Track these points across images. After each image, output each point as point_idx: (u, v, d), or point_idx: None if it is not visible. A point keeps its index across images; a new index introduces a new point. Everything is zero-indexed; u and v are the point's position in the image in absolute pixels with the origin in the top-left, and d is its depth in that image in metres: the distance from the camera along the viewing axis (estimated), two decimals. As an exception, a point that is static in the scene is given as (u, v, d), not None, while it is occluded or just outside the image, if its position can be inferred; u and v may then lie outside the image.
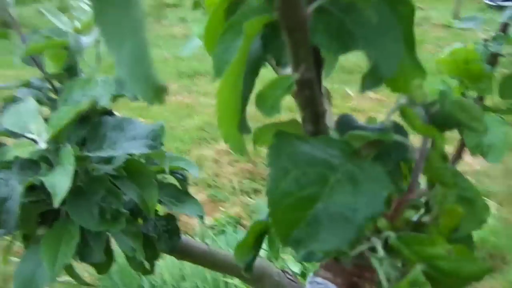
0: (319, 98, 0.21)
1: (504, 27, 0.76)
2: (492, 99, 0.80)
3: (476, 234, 1.07)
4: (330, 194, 0.18)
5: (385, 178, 0.18)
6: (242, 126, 0.23)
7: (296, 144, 0.19)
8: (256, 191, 2.27)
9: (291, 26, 0.17)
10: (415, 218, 0.22)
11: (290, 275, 0.75)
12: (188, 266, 1.56)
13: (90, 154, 0.41)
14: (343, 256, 0.23)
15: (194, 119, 3.16)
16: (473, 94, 0.82)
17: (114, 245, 0.58)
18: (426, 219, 0.21)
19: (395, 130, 0.22)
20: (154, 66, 0.12)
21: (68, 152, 0.39)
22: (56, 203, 0.35)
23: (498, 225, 1.81)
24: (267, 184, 0.17)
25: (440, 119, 0.20)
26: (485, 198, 1.21)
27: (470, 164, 2.42)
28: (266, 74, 0.29)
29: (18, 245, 0.49)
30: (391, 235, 0.21)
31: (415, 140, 0.28)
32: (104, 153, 0.41)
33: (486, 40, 0.77)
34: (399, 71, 0.28)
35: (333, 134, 0.23)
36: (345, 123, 0.24)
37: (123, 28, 0.11)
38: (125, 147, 0.42)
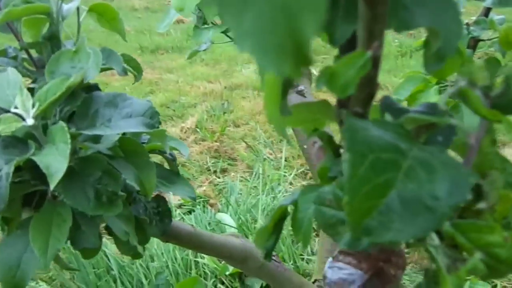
0: (377, 80, 0.20)
1: (487, 12, 0.77)
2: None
3: None
4: (404, 181, 0.17)
5: (459, 164, 0.18)
6: (283, 109, 0.22)
7: (369, 127, 0.17)
8: (223, 170, 2.26)
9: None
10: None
11: (274, 256, 0.75)
12: (156, 246, 1.53)
13: (84, 132, 0.38)
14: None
15: (158, 96, 3.07)
16: (452, 78, 0.83)
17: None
18: (482, 205, 0.20)
19: (442, 114, 0.22)
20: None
21: (62, 129, 0.35)
22: (53, 185, 0.32)
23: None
24: (347, 170, 0.16)
25: (503, 103, 0.20)
26: None
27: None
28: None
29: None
30: (447, 223, 0.20)
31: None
32: (98, 131, 0.38)
33: (467, 24, 0.79)
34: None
35: (387, 116, 0.21)
36: (389, 105, 0.23)
37: None
38: (121, 125, 0.39)
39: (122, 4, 6.12)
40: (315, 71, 3.92)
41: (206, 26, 0.93)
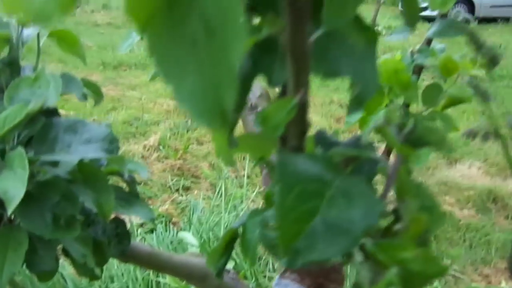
0: (307, 120, 0.23)
1: (429, 41, 0.84)
2: (417, 106, 0.89)
3: None
4: (326, 208, 0.20)
5: (373, 193, 0.21)
6: (231, 142, 0.24)
7: (298, 161, 0.20)
8: (186, 188, 2.25)
9: (297, 55, 0.19)
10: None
11: (232, 274, 0.76)
12: (116, 266, 1.51)
13: (43, 158, 0.39)
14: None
15: (120, 113, 3.04)
16: (400, 101, 0.90)
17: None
18: (398, 227, 0.24)
19: (367, 147, 0.25)
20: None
21: (20, 155, 0.37)
22: (10, 210, 0.33)
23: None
24: (276, 199, 0.19)
25: (412, 139, 0.23)
26: None
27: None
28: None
29: None
30: (367, 241, 0.23)
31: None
32: (57, 157, 0.39)
33: (412, 52, 0.85)
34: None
35: (317, 150, 0.24)
36: (321, 139, 0.26)
37: (185, 64, 0.12)
38: (81, 151, 0.40)
39: (84, 19, 6.03)
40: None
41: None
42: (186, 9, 0.13)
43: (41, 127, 0.42)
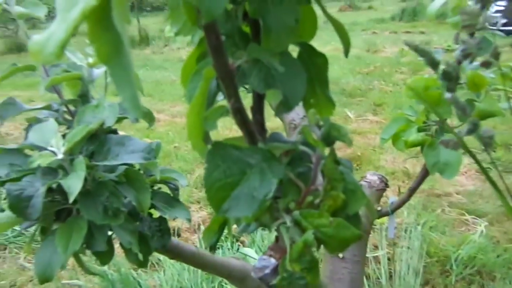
0: (249, 121, 0.32)
1: (459, 61, 0.87)
2: (452, 122, 0.91)
3: (465, 252, 1.20)
4: (245, 181, 0.28)
5: (281, 171, 0.29)
6: (206, 139, 0.34)
7: (227, 149, 0.29)
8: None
9: (222, 76, 0.28)
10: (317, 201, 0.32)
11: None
12: (186, 279, 1.65)
13: (97, 163, 0.52)
14: (268, 229, 0.33)
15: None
16: (435, 117, 0.92)
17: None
18: (317, 201, 0.31)
19: (304, 144, 0.33)
20: (141, 101, 0.23)
21: (81, 161, 0.50)
22: (71, 199, 0.46)
23: (487, 243, 1.88)
24: (204, 173, 0.28)
25: (325, 136, 0.31)
26: (476, 217, 1.36)
27: (464, 184, 2.50)
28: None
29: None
30: (296, 212, 0.31)
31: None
32: (108, 163, 0.52)
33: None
34: (317, 103, 0.40)
35: (261, 145, 0.33)
36: (274, 138, 0.35)
37: (125, 83, 0.22)
38: (125, 158, 0.53)
39: (170, 56, 6.59)
40: (350, 113, 3.93)
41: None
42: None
43: (99, 142, 0.55)
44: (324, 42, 6.44)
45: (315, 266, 0.32)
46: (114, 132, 0.63)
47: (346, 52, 0.43)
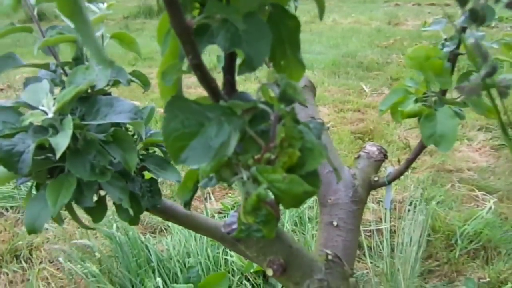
0: (210, 78, 0.33)
1: (461, 29, 0.85)
2: (452, 94, 0.89)
3: (471, 227, 1.22)
4: (203, 132, 0.30)
5: (240, 124, 0.30)
6: (179, 92, 0.35)
7: (186, 102, 0.30)
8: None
9: (178, 32, 0.29)
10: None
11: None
12: (193, 245, 1.70)
13: (86, 122, 0.54)
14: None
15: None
16: (436, 88, 0.91)
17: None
18: (272, 157, 0.32)
19: (265, 103, 0.34)
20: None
21: (69, 120, 0.52)
22: (58, 155, 0.49)
23: (494, 219, 1.87)
24: (162, 124, 0.29)
25: (281, 94, 0.32)
26: (485, 194, 1.37)
27: (477, 160, 2.46)
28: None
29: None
30: (253, 168, 0.33)
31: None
32: (96, 122, 0.54)
33: (445, 40, 0.86)
34: (287, 66, 0.40)
35: (222, 102, 0.34)
36: (239, 97, 0.36)
37: (89, 37, 0.24)
38: (112, 118, 0.54)
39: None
40: (365, 87, 3.88)
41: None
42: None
43: (89, 103, 0.57)
44: (345, 14, 6.29)
45: (271, 220, 0.33)
46: (107, 95, 0.64)
47: (321, 16, 0.43)
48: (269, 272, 0.52)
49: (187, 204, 0.43)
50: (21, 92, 0.58)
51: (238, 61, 0.36)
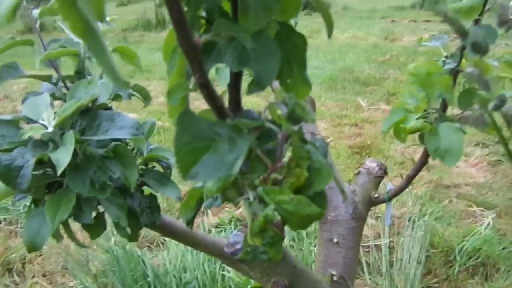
0: (216, 96, 0.32)
1: (462, 48, 0.85)
2: (452, 111, 0.89)
3: (470, 243, 1.21)
4: (215, 147, 0.29)
5: (250, 141, 0.30)
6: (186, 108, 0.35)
7: (197, 117, 0.30)
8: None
9: (186, 51, 0.29)
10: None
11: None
12: (189, 260, 1.68)
13: (87, 138, 0.53)
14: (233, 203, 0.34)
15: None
16: (436, 105, 0.91)
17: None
18: (279, 177, 0.32)
19: (272, 122, 0.33)
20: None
21: (70, 135, 0.51)
22: (59, 172, 0.48)
23: (493, 235, 1.86)
24: (174, 137, 0.28)
25: (290, 113, 0.31)
26: (483, 209, 1.36)
27: (474, 176, 2.47)
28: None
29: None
30: (260, 189, 0.32)
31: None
32: (97, 137, 0.53)
33: (446, 57, 0.87)
34: (293, 84, 0.40)
35: (229, 120, 0.34)
36: (245, 115, 0.35)
37: (103, 56, 0.23)
38: (114, 134, 0.54)
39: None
40: (362, 102, 3.90)
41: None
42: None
43: (90, 118, 0.56)
44: (342, 29, 6.35)
45: (278, 241, 0.33)
46: (109, 109, 0.64)
47: (329, 33, 0.43)
48: (273, 293, 0.51)
49: (190, 223, 0.42)
50: (18, 103, 0.57)
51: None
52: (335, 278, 0.66)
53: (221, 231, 1.89)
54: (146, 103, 0.74)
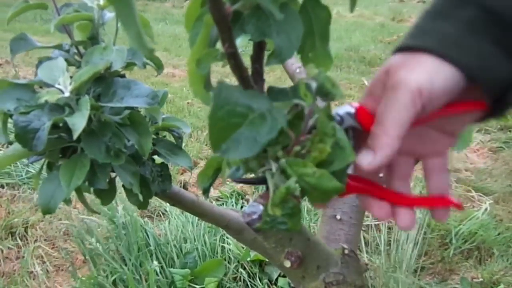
0: (243, 67, 0.32)
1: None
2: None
3: (466, 227, 1.23)
4: (247, 124, 0.29)
5: (282, 119, 0.30)
6: (207, 85, 0.35)
7: (232, 90, 0.30)
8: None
9: (217, 19, 0.28)
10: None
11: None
12: (190, 231, 1.70)
13: (103, 104, 0.53)
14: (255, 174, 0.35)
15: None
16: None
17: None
18: (303, 151, 0.32)
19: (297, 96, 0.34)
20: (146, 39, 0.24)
21: (86, 100, 0.51)
22: (75, 136, 0.48)
23: (489, 220, 1.88)
24: (209, 112, 0.29)
25: (319, 88, 0.31)
26: (482, 195, 1.38)
27: (475, 162, 2.48)
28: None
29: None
30: (283, 161, 0.32)
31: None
32: (112, 104, 0.54)
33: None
34: (315, 58, 0.40)
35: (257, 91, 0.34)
36: (274, 90, 0.35)
37: (130, 21, 0.23)
38: (130, 102, 0.54)
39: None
40: (367, 82, 3.90)
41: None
42: None
43: (105, 85, 0.56)
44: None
45: (297, 213, 0.33)
46: (122, 76, 0.64)
47: (352, 8, 0.42)
48: (287, 264, 0.52)
49: (206, 191, 0.43)
50: (21, 69, 0.57)
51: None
52: (346, 252, 0.67)
53: (222, 204, 1.91)
54: (159, 72, 0.73)
